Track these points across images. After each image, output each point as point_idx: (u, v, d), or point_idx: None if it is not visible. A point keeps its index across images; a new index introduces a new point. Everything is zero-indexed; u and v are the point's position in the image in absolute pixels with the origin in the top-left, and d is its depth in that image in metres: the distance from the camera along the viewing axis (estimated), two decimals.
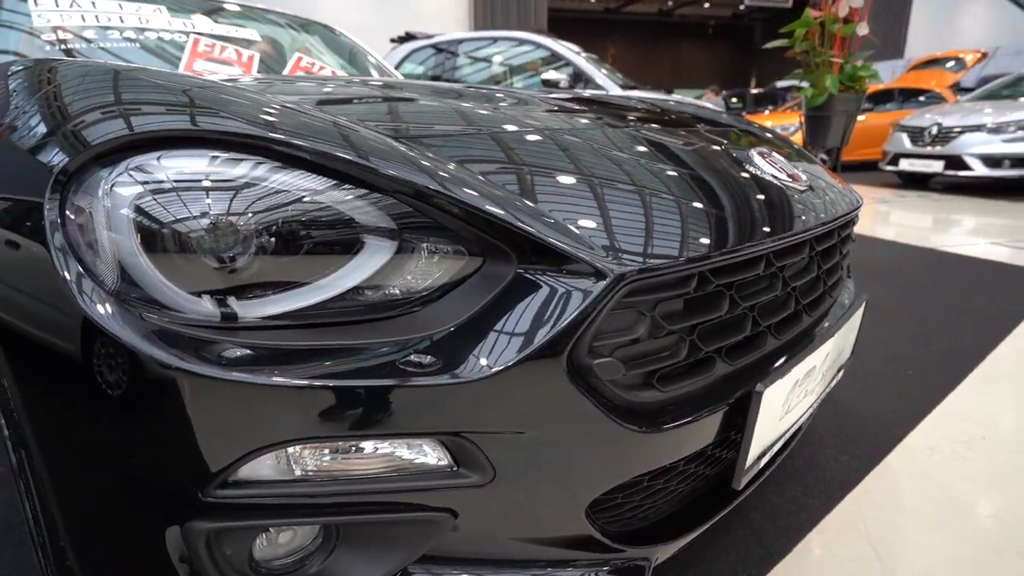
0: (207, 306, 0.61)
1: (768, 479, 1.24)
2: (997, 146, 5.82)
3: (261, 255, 0.62)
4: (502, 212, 0.63)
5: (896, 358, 2.03)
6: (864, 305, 1.13)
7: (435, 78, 5.10)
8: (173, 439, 0.56)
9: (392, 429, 0.59)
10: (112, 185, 0.59)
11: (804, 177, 0.97)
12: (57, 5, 1.80)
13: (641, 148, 0.89)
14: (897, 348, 2.11)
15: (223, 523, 0.59)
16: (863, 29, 2.92)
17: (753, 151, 0.97)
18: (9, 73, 0.78)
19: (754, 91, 12.94)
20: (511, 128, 0.87)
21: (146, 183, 0.59)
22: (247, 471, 0.58)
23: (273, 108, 0.68)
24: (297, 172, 0.63)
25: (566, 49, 4.51)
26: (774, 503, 1.28)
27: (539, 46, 4.95)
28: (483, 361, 0.59)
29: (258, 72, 1.95)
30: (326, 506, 0.62)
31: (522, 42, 4.94)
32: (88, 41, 1.74)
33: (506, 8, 15.11)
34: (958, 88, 9.08)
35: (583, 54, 4.58)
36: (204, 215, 0.60)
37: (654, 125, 1.06)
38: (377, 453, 0.62)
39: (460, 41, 5.21)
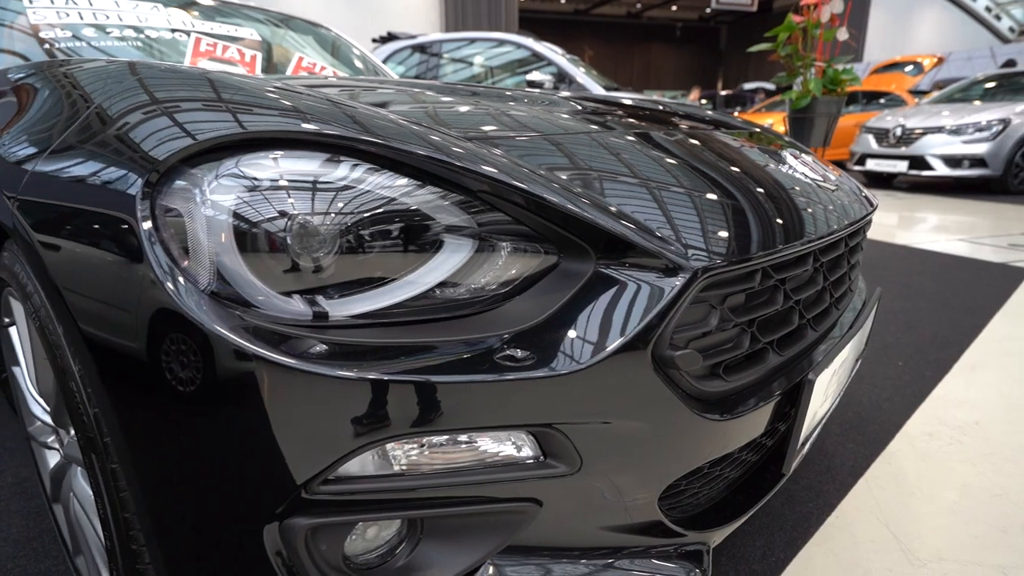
0: (299, 306, 0.62)
1: None
2: (957, 147, 6.08)
3: (349, 255, 0.63)
4: (585, 211, 0.66)
5: (886, 348, 2.12)
6: (879, 298, 1.19)
7: (418, 78, 5.09)
8: (279, 437, 0.57)
9: (489, 422, 0.61)
10: (209, 186, 0.59)
11: (833, 177, 1.02)
12: (52, 2, 1.75)
13: (691, 149, 0.92)
14: (885, 339, 2.21)
15: (322, 519, 0.60)
16: (843, 34, 3.03)
17: (786, 152, 1.01)
18: (70, 73, 0.77)
19: (723, 93, 13.22)
20: (567, 131, 0.89)
21: (243, 185, 0.60)
22: (348, 467, 0.59)
23: (359, 111, 0.69)
24: (385, 174, 0.64)
25: (550, 51, 4.55)
26: (791, 490, 1.33)
27: (520, 47, 4.98)
28: (575, 354, 0.62)
29: (261, 72, 1.93)
30: (418, 499, 0.63)
31: (505, 43, 4.96)
32: (84, 40, 1.70)
33: (477, 9, 15.10)
34: (917, 91, 9.44)
35: (566, 56, 4.63)
36: (298, 216, 0.60)
37: (688, 127, 1.09)
38: (469, 446, 0.63)
39: (443, 42, 5.21)
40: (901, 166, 6.38)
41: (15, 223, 0.71)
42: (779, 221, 0.78)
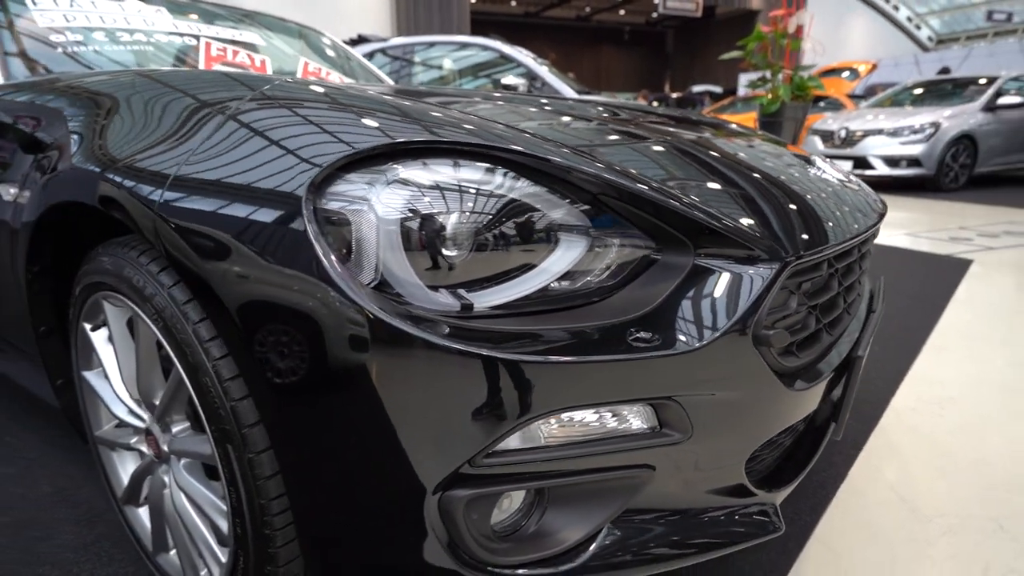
0: (449, 298, 0.69)
1: None
2: (895, 148, 6.53)
3: (489, 252, 0.70)
4: (686, 209, 0.75)
5: None
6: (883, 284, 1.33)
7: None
8: (450, 415, 0.64)
9: (622, 396, 0.69)
10: (377, 189, 0.66)
11: (853, 180, 1.15)
12: (56, 4, 1.72)
13: (748, 152, 1.03)
14: None
15: (478, 490, 0.67)
16: (808, 44, 3.26)
17: (810, 158, 1.14)
18: (177, 80, 0.81)
19: (674, 95, 13.66)
20: (637, 138, 0.98)
21: (408, 189, 0.66)
22: (506, 441, 0.67)
23: (495, 122, 0.77)
24: (520, 179, 0.72)
25: (523, 55, 4.65)
26: None
27: (487, 49, 5.07)
28: (693, 334, 0.71)
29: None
30: (555, 471, 0.71)
31: (472, 46, 5.03)
32: (86, 44, 1.68)
33: (428, 9, 15.08)
34: (853, 95, 10.05)
35: (537, 59, 4.75)
36: (452, 218, 0.67)
37: (718, 130, 1.21)
38: (601, 418, 0.71)
39: (415, 44, 5.24)
40: (846, 166, 6.80)
41: (156, 226, 0.74)
42: (837, 216, 0.89)
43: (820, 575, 1.11)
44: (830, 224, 0.88)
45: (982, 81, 7.33)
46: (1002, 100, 6.87)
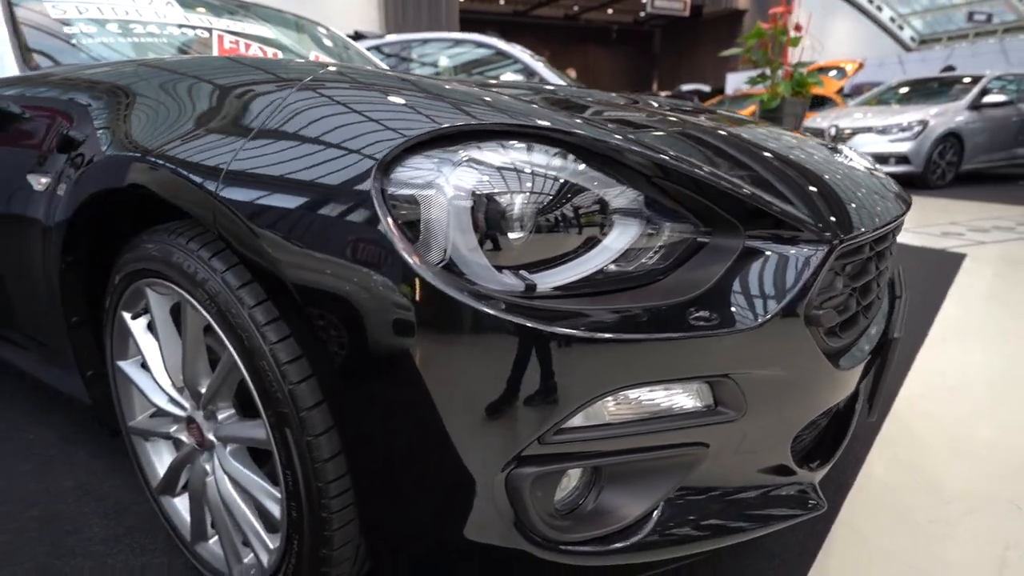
0: (512, 279, 0.70)
1: None
2: (884, 145, 6.63)
3: (552, 234, 0.71)
4: (738, 192, 0.76)
5: None
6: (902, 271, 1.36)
7: None
8: (522, 392, 0.65)
9: (683, 374, 0.70)
10: (448, 170, 0.66)
11: (879, 167, 1.17)
12: None
13: (778, 141, 1.05)
14: None
15: (544, 467, 0.68)
16: (807, 41, 3.30)
17: (839, 145, 1.16)
18: (302, 78, 0.81)
19: (663, 94, 13.73)
20: (672, 124, 1.00)
21: (478, 170, 0.67)
22: (572, 420, 0.68)
23: (552, 109, 0.78)
24: (581, 163, 0.73)
25: (520, 52, 4.66)
26: None
27: (482, 46, 5.07)
28: (750, 313, 0.72)
29: None
30: (616, 448, 0.72)
31: (476, 44, 5.03)
32: (99, 37, 1.67)
33: (417, 8, 15.05)
34: (841, 93, 10.18)
35: (535, 56, 4.76)
36: (519, 200, 0.68)
37: (747, 123, 1.23)
38: (663, 395, 0.73)
39: (411, 42, 5.23)
40: None
41: (214, 211, 0.74)
42: (874, 201, 0.91)
43: (849, 556, 1.13)
44: (869, 209, 0.91)
45: (966, 80, 7.46)
46: (987, 99, 7.00)
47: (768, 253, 0.77)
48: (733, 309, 0.73)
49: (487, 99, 0.78)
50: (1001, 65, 11.04)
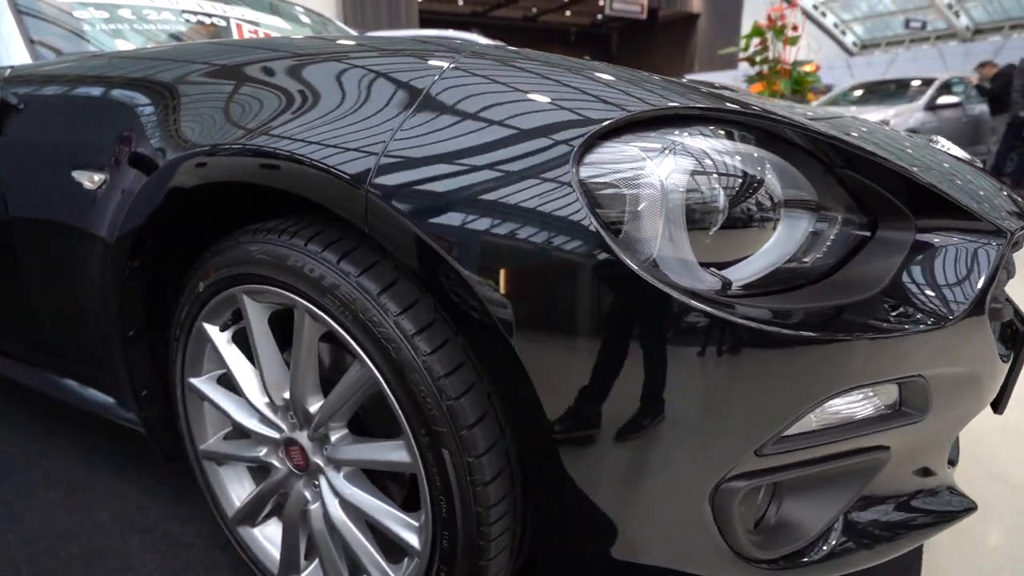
0: (708, 275, 0.64)
1: None
2: None
3: (743, 227, 0.66)
4: (919, 181, 0.73)
5: None
6: None
7: None
8: (738, 401, 0.59)
9: (889, 375, 0.66)
10: (650, 158, 0.60)
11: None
12: None
13: (898, 133, 1.03)
14: None
15: (755, 481, 0.63)
16: (804, 41, 3.36)
17: (936, 138, 1.15)
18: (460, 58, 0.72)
19: None
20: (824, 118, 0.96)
21: (690, 159, 0.61)
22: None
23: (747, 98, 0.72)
24: (770, 151, 0.68)
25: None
26: None
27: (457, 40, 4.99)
28: (940, 309, 0.68)
29: None
30: (811, 457, 0.67)
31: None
32: (114, 23, 1.53)
33: (376, 8, 14.84)
34: None
35: None
36: (720, 191, 0.63)
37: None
38: (857, 398, 0.68)
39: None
40: None
41: (367, 206, 0.66)
42: (1005, 194, 0.90)
43: (953, 551, 1.12)
44: (1004, 199, 0.89)
45: (916, 83, 7.78)
46: (940, 100, 7.32)
47: (943, 245, 0.74)
48: (922, 304, 0.69)
49: (656, 81, 0.72)
50: (939, 69, 11.61)
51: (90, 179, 0.96)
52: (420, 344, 0.68)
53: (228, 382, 0.93)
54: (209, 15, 1.71)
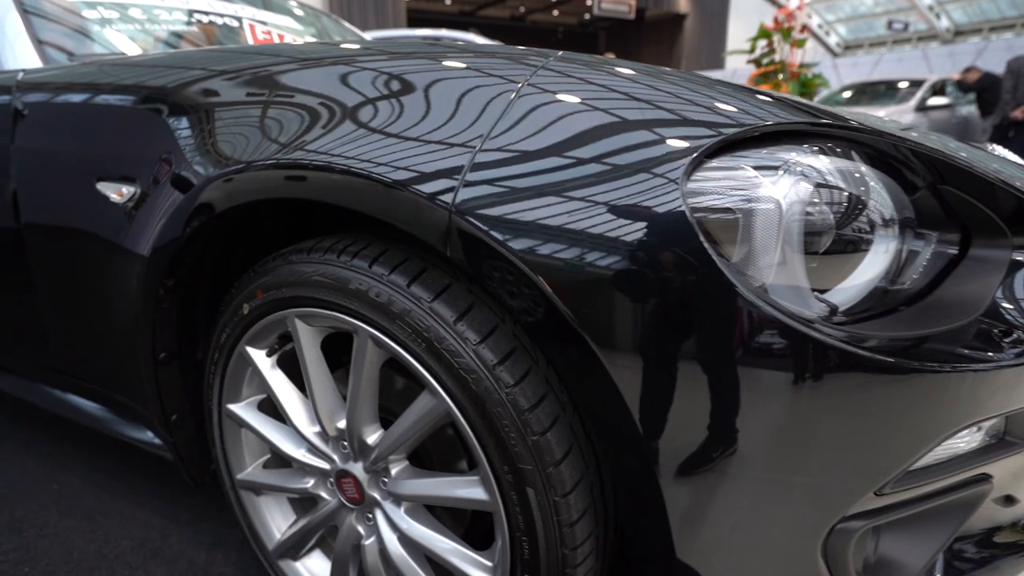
0: (816, 301, 0.60)
1: None
2: None
3: (850, 254, 0.62)
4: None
5: None
6: None
7: None
8: (858, 437, 0.55)
9: (1003, 408, 0.62)
10: (764, 177, 0.56)
11: None
12: None
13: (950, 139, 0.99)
14: None
15: (872, 521, 0.59)
16: (809, 43, 3.35)
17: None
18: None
19: None
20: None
21: (802, 178, 0.57)
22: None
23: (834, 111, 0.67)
24: (873, 168, 0.64)
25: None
26: None
27: (459, 42, 4.94)
28: None
29: None
30: (921, 494, 0.63)
31: (445, 40, 4.89)
32: (127, 23, 1.46)
33: (363, 7, 14.74)
34: None
35: None
36: (833, 212, 0.59)
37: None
38: (965, 434, 0.64)
39: (388, 40, 5.03)
40: None
41: (450, 228, 0.61)
42: None
43: None
44: None
45: (903, 85, 7.83)
46: (930, 101, 7.40)
47: None
48: None
49: (755, 94, 0.68)
50: (923, 70, 11.74)
51: (117, 192, 0.89)
52: (503, 375, 0.63)
53: (268, 408, 0.88)
54: (221, 15, 1.64)
